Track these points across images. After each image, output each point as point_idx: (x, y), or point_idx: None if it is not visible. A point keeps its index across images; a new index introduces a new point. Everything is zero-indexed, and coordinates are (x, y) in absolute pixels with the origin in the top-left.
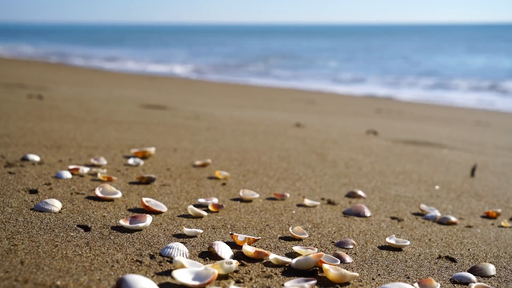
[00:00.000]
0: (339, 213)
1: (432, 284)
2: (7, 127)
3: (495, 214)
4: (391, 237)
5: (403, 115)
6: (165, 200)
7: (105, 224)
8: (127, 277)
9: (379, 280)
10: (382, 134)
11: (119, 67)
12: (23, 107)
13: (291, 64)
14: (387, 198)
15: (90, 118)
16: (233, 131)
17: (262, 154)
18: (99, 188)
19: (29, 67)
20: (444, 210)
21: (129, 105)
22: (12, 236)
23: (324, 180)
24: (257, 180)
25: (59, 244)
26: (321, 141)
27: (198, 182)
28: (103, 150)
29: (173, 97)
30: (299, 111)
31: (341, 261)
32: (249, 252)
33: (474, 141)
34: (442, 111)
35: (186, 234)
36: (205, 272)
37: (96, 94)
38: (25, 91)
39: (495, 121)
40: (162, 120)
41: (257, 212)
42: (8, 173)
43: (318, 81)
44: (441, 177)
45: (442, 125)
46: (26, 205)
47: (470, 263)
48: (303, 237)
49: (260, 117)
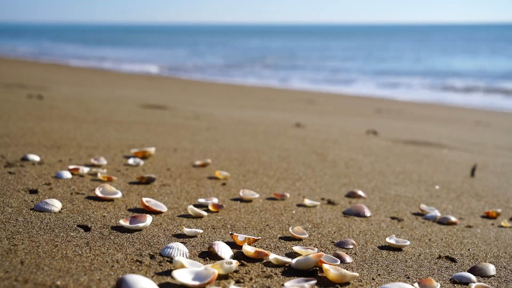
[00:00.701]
0: (339, 213)
1: (432, 284)
2: (7, 127)
3: (495, 214)
4: (391, 237)
5: (403, 115)
6: (165, 200)
7: (105, 224)
8: (127, 277)
9: (379, 280)
10: (382, 134)
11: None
12: (23, 107)
13: (291, 64)
14: (387, 198)
15: (90, 118)
16: (233, 131)
17: (262, 154)
18: (99, 188)
19: (29, 67)
20: (444, 210)
21: (129, 105)
22: (12, 236)
23: (324, 180)
24: (257, 180)
25: (59, 244)
26: (321, 141)
27: (198, 182)
28: (103, 150)
29: (173, 97)
30: (299, 111)
31: (341, 261)
32: (249, 252)
33: (474, 141)
34: (442, 111)
35: (186, 234)
36: (205, 272)
37: (96, 94)
38: (25, 91)
39: (495, 121)
40: (162, 120)
41: (257, 212)
42: (8, 173)
43: (318, 81)
44: (441, 177)
45: (442, 125)
46: (26, 205)
47: (470, 263)
48: (303, 237)
49: (260, 117)
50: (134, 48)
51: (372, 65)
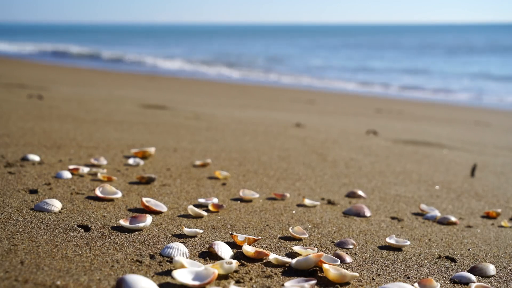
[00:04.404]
0: (339, 213)
1: (432, 284)
2: (7, 127)
3: (495, 214)
4: (391, 237)
5: (403, 115)
6: (165, 200)
7: (105, 224)
8: (127, 277)
9: (379, 280)
10: (382, 134)
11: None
12: (23, 107)
13: (291, 64)
14: (387, 198)
15: (90, 118)
16: (233, 131)
17: (262, 154)
18: (99, 188)
19: (29, 67)
20: (444, 210)
21: (129, 105)
22: (12, 236)
23: (324, 180)
24: (257, 180)
25: (59, 244)
26: (321, 141)
27: (198, 182)
28: (103, 150)
29: (173, 97)
30: (299, 111)
31: (341, 261)
32: (249, 252)
33: (474, 141)
34: (442, 111)
35: (186, 234)
36: (205, 272)
37: (96, 94)
38: (25, 91)
39: (495, 121)
40: (162, 120)
41: (257, 212)
42: (8, 173)
43: (318, 81)
44: (441, 177)
45: (442, 125)
46: (26, 205)
47: (470, 263)
48: (303, 237)
49: (260, 117)
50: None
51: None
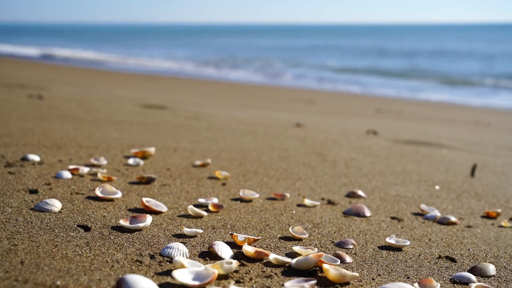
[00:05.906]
0: (339, 213)
1: (432, 284)
2: (7, 127)
3: (495, 214)
4: (391, 237)
5: (403, 115)
6: (165, 200)
7: (105, 224)
8: (127, 277)
9: (379, 280)
10: (382, 134)
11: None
12: (23, 107)
13: (291, 64)
14: (387, 198)
15: (90, 118)
16: (233, 131)
17: (262, 154)
18: (99, 188)
19: (29, 67)
20: (444, 210)
21: (129, 105)
22: (12, 236)
23: (324, 180)
24: (257, 180)
25: (59, 244)
26: (321, 141)
27: (198, 182)
28: (103, 150)
29: (173, 97)
30: (299, 111)
31: (341, 261)
32: (249, 252)
33: (474, 141)
34: (442, 111)
35: (186, 234)
36: (205, 272)
37: (96, 94)
38: (25, 91)
39: (495, 121)
40: (162, 120)
41: (257, 212)
42: (8, 173)
43: (318, 81)
44: (441, 177)
45: (442, 125)
46: (26, 205)
47: (470, 263)
48: (303, 237)
49: (260, 117)
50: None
51: (372, 64)
